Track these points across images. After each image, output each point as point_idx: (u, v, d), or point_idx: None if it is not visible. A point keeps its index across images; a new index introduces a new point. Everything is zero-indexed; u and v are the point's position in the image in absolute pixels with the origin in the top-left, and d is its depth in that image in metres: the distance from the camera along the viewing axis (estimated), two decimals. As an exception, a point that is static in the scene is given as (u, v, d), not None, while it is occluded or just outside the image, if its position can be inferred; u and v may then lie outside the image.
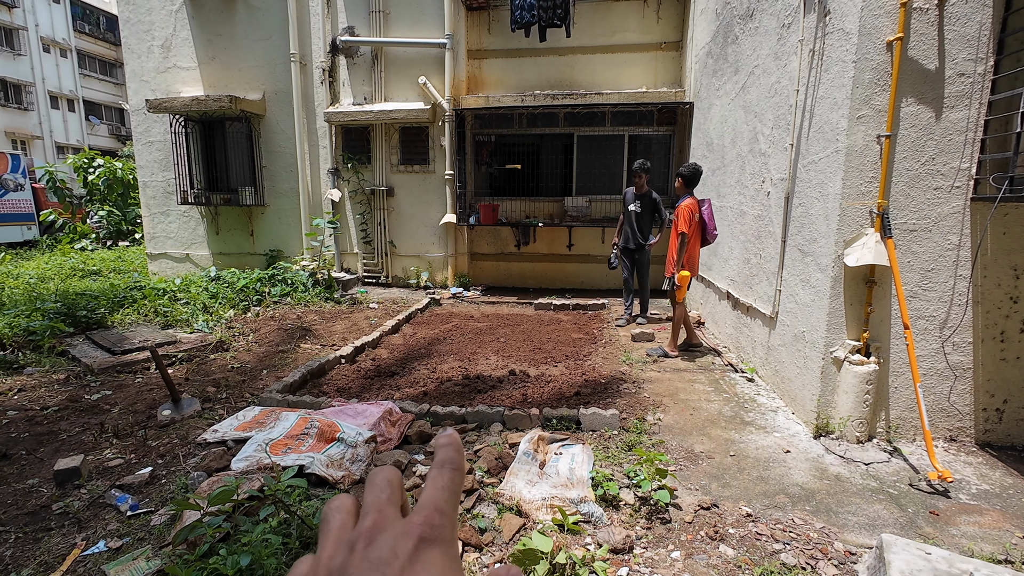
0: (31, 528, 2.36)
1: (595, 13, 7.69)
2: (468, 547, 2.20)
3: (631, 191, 5.84)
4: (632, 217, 5.82)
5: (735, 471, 2.83)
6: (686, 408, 3.67)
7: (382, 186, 8.19)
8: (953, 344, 3.00)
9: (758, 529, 2.31)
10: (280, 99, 8.19)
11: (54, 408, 3.70)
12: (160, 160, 8.67)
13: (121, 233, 13.11)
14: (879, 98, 2.84)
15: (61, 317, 5.40)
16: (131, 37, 8.46)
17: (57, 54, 26.48)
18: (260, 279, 7.25)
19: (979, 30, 2.71)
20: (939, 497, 2.57)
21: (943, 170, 2.86)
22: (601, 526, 2.34)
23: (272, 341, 5.37)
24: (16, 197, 14.36)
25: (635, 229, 5.82)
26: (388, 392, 3.97)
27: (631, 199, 5.83)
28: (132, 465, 2.89)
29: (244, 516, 2.24)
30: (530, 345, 5.33)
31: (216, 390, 3.98)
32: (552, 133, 8.11)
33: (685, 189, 4.69)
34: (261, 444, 2.85)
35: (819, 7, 3.23)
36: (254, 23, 8.10)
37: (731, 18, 5.06)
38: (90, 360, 4.58)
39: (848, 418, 3.06)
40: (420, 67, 7.82)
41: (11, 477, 2.80)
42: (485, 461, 2.84)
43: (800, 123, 3.50)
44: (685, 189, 4.69)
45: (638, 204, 5.77)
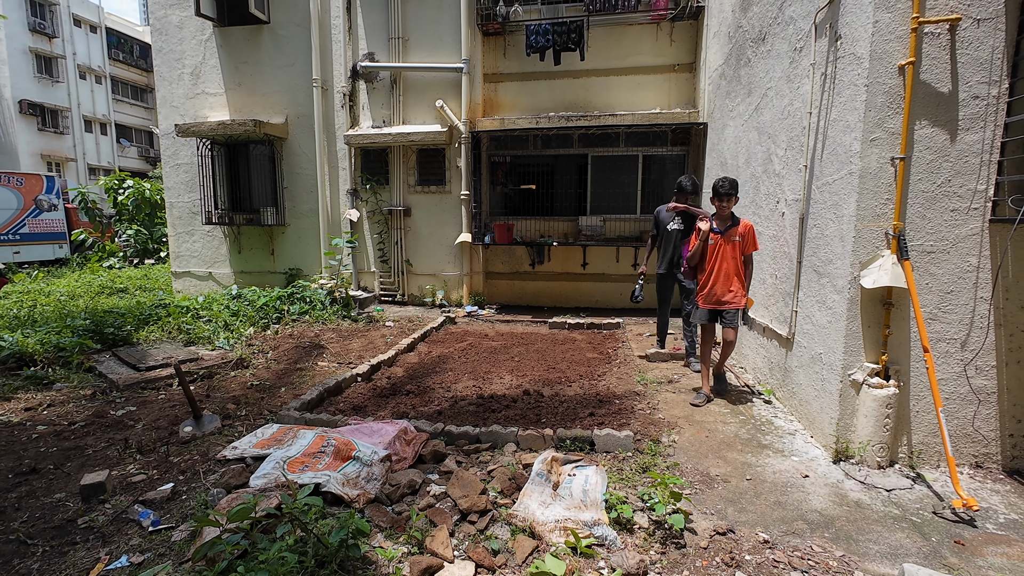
0: (57, 542, 2.42)
1: (609, 37, 7.84)
2: (481, 568, 2.20)
3: (664, 209, 5.26)
4: (675, 237, 5.14)
5: (752, 496, 2.79)
6: (701, 430, 3.64)
7: (399, 206, 8.34)
8: (976, 368, 2.94)
9: (775, 556, 2.28)
10: (302, 123, 8.45)
11: (81, 423, 3.81)
12: (187, 182, 8.98)
13: (147, 252, 13.51)
14: (892, 121, 2.85)
15: (89, 334, 5.58)
16: (163, 65, 8.85)
17: (92, 80, 27.71)
18: (279, 297, 7.41)
19: (992, 54, 2.71)
20: (964, 526, 2.50)
21: (960, 192, 2.84)
22: (615, 550, 2.32)
23: (290, 359, 5.46)
24: (49, 217, 14.95)
25: (678, 249, 5.12)
26: (403, 411, 4.00)
27: (667, 217, 5.20)
28: (154, 481, 2.96)
29: (261, 534, 2.27)
30: (544, 364, 5.34)
31: (236, 407, 4.06)
32: (567, 154, 8.21)
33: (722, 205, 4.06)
34: (279, 462, 2.90)
35: (830, 32, 3.27)
36: (278, 50, 8.42)
37: (743, 41, 5.12)
38: (116, 376, 4.71)
39: (868, 442, 3.01)
40: (437, 91, 8.02)
41: (39, 491, 2.88)
42: (499, 482, 2.85)
43: (814, 145, 3.51)
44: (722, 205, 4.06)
45: (679, 222, 5.13)
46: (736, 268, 4.02)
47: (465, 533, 2.46)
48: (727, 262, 4.03)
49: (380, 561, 2.23)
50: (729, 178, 3.97)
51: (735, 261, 4.02)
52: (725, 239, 4.01)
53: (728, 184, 3.97)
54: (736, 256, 4.02)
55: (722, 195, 3.98)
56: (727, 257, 4.02)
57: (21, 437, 3.61)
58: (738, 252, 4.01)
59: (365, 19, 8.11)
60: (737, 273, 4.03)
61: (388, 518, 2.56)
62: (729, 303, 4.05)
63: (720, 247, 4.03)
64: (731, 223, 4.02)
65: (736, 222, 4.01)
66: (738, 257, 4.02)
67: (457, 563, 2.21)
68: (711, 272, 4.07)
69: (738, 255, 4.02)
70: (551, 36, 7.51)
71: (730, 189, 3.96)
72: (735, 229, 4.00)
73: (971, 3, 2.72)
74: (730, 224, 4.02)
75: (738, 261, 4.03)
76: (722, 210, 4.03)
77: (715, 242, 4.05)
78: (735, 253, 4.02)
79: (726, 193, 3.97)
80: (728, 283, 4.03)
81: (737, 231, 4.00)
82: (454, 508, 2.64)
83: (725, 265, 4.02)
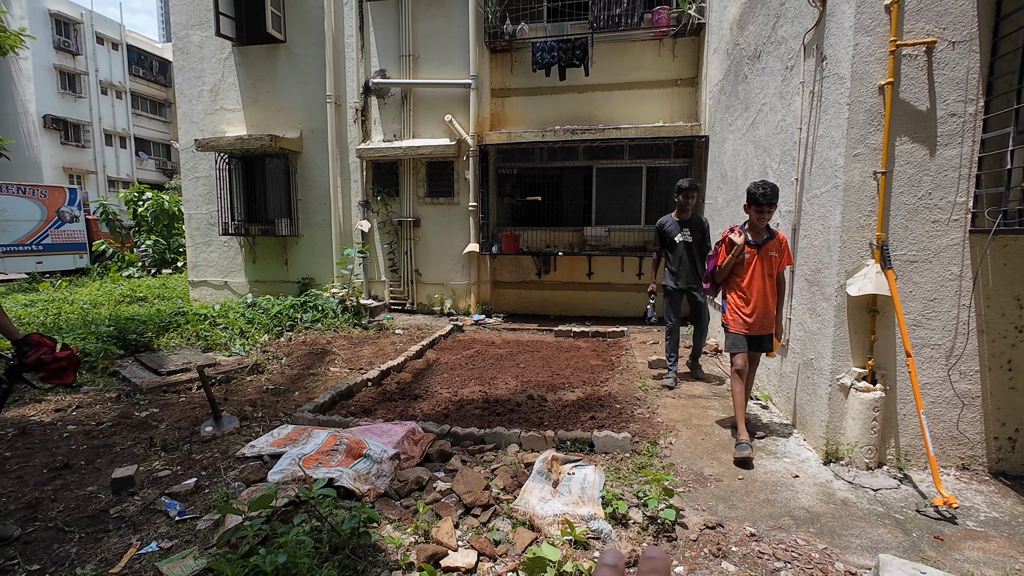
0: (92, 529, 2.62)
1: (613, 53, 8.07)
2: (483, 557, 2.36)
3: (670, 218, 4.91)
4: (684, 248, 4.85)
5: (742, 493, 2.92)
6: (698, 433, 3.77)
7: (409, 217, 8.59)
8: (960, 372, 3.06)
9: (760, 548, 2.41)
10: (316, 137, 8.75)
11: (108, 423, 4.03)
12: (205, 194, 9.30)
13: (164, 262, 13.89)
14: (874, 137, 3.01)
15: (113, 340, 5.83)
16: (184, 83, 9.22)
17: (113, 96, 28.57)
18: (293, 306, 7.64)
19: (967, 74, 2.87)
20: (946, 523, 2.61)
21: (940, 204, 2.99)
22: (609, 542, 2.46)
23: (303, 364, 5.67)
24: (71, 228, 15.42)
25: (693, 262, 4.84)
26: (412, 414, 4.18)
27: (675, 228, 4.85)
28: (179, 476, 3.16)
29: (280, 522, 2.45)
30: (549, 371, 5.49)
31: (253, 409, 4.26)
32: (572, 166, 8.42)
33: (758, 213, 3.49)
34: (295, 458, 3.08)
35: (817, 52, 3.45)
36: (294, 68, 8.76)
37: (741, 58, 5.30)
38: (139, 380, 4.94)
39: (856, 444, 3.13)
40: (446, 106, 8.29)
41: (73, 484, 3.09)
42: (501, 479, 3.01)
43: (803, 159, 3.67)
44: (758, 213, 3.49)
45: (688, 232, 4.81)
46: (772, 288, 3.52)
47: (469, 525, 2.62)
48: (762, 280, 3.49)
49: (389, 548, 2.39)
50: (770, 183, 3.38)
51: (772, 280, 3.50)
52: (762, 254, 3.48)
53: (770, 191, 3.36)
54: (772, 273, 3.50)
55: (763, 204, 3.38)
56: (763, 275, 3.49)
57: (53, 436, 3.83)
58: (774, 268, 3.49)
59: (377, 38, 8.43)
60: (773, 293, 3.53)
61: (397, 511, 2.73)
62: (769, 328, 3.57)
63: (756, 263, 3.49)
64: (768, 236, 3.50)
65: (773, 234, 3.50)
66: (775, 275, 3.51)
67: (461, 551, 2.37)
68: (748, 292, 3.53)
69: (775, 272, 3.50)
70: (556, 53, 7.76)
71: (772, 198, 3.36)
72: (773, 243, 3.47)
73: (946, 27, 2.88)
74: (767, 237, 3.49)
75: (774, 280, 3.52)
76: (760, 221, 3.47)
77: (750, 256, 3.50)
78: (772, 270, 3.50)
79: (768, 203, 3.37)
80: (768, 305, 3.53)
81: (774, 245, 3.47)
82: (458, 503, 2.80)
83: (760, 284, 3.49)
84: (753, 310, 3.52)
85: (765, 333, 3.58)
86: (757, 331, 3.55)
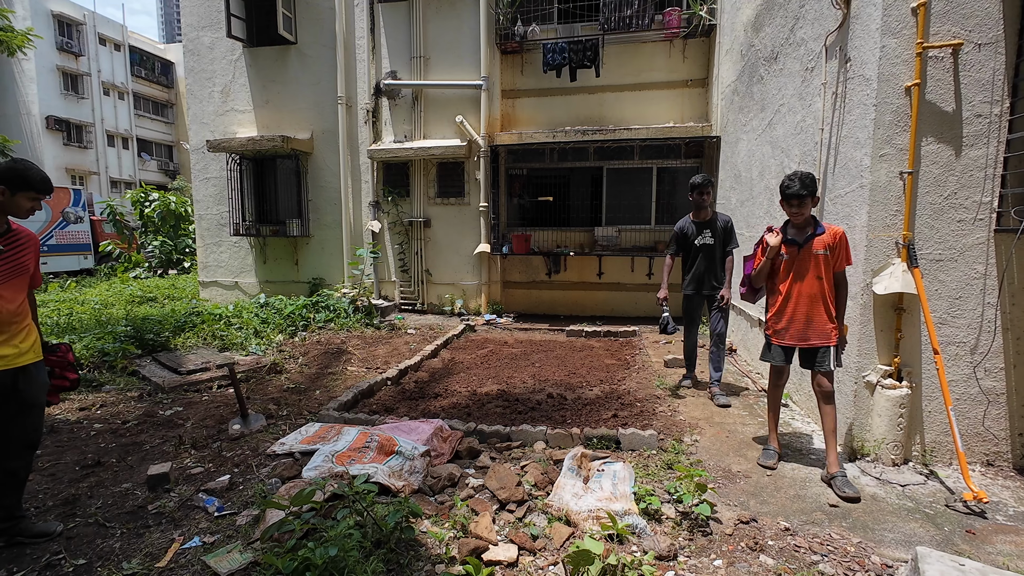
0: (132, 525, 2.65)
1: (623, 54, 8.11)
2: (523, 551, 2.39)
3: (688, 221, 4.57)
4: (705, 252, 4.48)
5: (772, 489, 2.95)
6: (721, 431, 3.80)
7: (420, 218, 8.62)
8: (985, 370, 3.10)
9: (796, 542, 2.44)
10: (327, 138, 8.79)
11: (134, 422, 4.06)
12: (215, 195, 9.33)
13: (171, 262, 13.91)
14: (900, 138, 3.05)
15: (131, 340, 5.86)
16: (195, 84, 9.26)
17: (115, 97, 28.57)
18: (305, 306, 7.67)
19: (993, 75, 2.91)
20: (975, 518, 2.65)
21: (966, 204, 3.03)
22: (645, 537, 2.50)
23: (320, 364, 5.70)
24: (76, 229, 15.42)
25: (715, 267, 4.48)
26: (434, 412, 4.21)
27: (694, 230, 4.52)
28: (211, 473, 3.19)
29: (320, 518, 2.48)
30: (565, 370, 5.53)
31: (277, 408, 4.29)
32: (582, 166, 8.47)
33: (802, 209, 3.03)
34: (328, 455, 3.11)
35: (840, 54, 3.49)
36: (305, 69, 8.79)
37: (756, 60, 5.35)
38: (159, 379, 4.96)
39: (882, 441, 3.17)
40: (457, 106, 8.33)
41: (107, 481, 3.12)
42: (532, 476, 3.04)
43: (826, 159, 3.72)
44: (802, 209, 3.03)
45: (709, 234, 4.45)
46: (822, 290, 2.99)
47: (505, 520, 2.65)
48: (808, 283, 3.01)
49: (430, 543, 2.42)
50: (800, 173, 2.96)
51: (821, 282, 2.99)
52: (805, 253, 3.03)
53: (799, 182, 2.94)
54: (823, 274, 2.99)
55: (790, 197, 2.97)
56: (808, 276, 3.01)
57: (80, 434, 3.86)
58: (826, 269, 2.99)
59: (388, 39, 8.47)
60: (823, 297, 3.00)
61: (432, 507, 2.76)
62: (817, 340, 3.02)
63: (797, 264, 3.05)
64: (813, 232, 3.03)
65: (821, 229, 3.02)
66: (826, 276, 2.99)
67: (501, 545, 2.40)
68: (786, 298, 3.09)
69: (826, 273, 2.99)
70: (567, 54, 7.80)
71: (801, 188, 2.93)
72: (819, 239, 3.00)
73: (972, 29, 2.93)
74: (811, 233, 3.03)
75: (826, 281, 2.99)
76: (795, 216, 3.05)
77: (789, 257, 3.08)
78: (821, 271, 2.98)
79: (796, 195, 2.95)
80: (813, 312, 3.02)
81: (822, 241, 2.99)
82: (492, 498, 2.84)
83: (807, 288, 3.02)
84: (790, 317, 3.08)
85: (809, 345, 3.03)
86: (795, 341, 3.07)
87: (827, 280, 3.01)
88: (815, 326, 3.03)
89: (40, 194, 2.43)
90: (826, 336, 3.01)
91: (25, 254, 2.46)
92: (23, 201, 2.38)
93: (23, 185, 2.36)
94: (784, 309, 3.12)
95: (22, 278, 2.45)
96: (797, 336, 3.08)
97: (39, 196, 2.43)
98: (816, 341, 3.03)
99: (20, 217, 2.44)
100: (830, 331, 3.01)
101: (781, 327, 3.14)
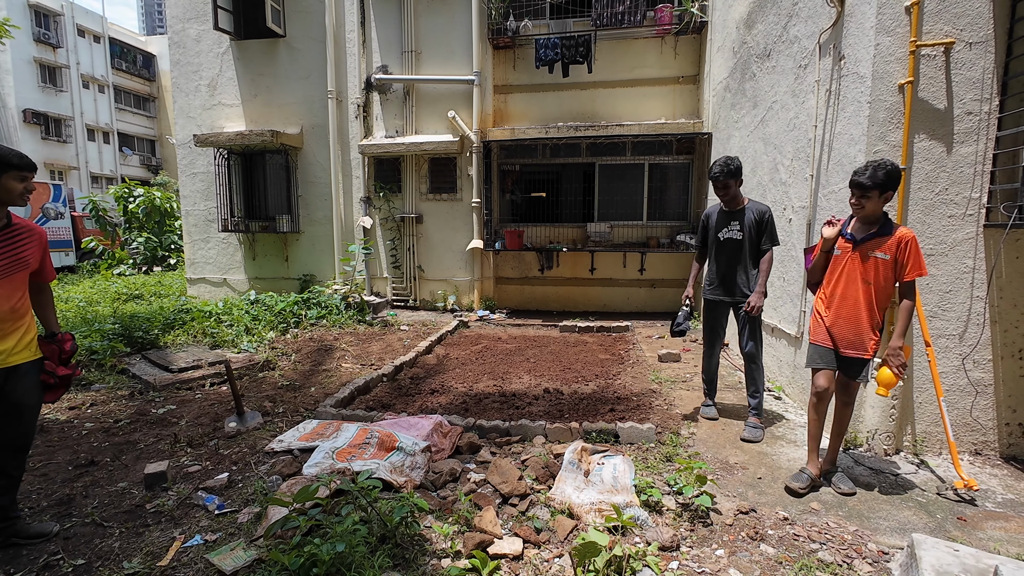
0: (131, 524, 2.61)
1: (615, 50, 8.13)
2: (528, 544, 2.41)
3: (717, 208, 3.79)
4: (729, 249, 3.69)
5: (769, 480, 3.01)
6: (717, 424, 3.86)
7: (412, 213, 8.58)
8: (974, 361, 3.18)
9: (795, 531, 2.49)
10: (317, 133, 8.69)
11: (126, 421, 3.99)
12: (202, 190, 9.19)
13: (156, 259, 13.66)
14: (893, 135, 3.11)
15: (119, 338, 5.76)
16: (180, 77, 9.09)
17: (95, 90, 27.95)
18: (296, 302, 7.60)
19: (983, 74, 2.98)
20: (966, 505, 2.72)
21: (956, 199, 3.10)
22: (648, 528, 2.53)
23: (314, 361, 5.65)
24: (56, 225, 15.10)
25: (743, 268, 3.66)
26: (431, 408, 4.20)
27: (716, 220, 3.76)
28: (209, 471, 3.15)
29: (324, 514, 2.47)
30: (559, 365, 5.55)
31: (272, 405, 4.26)
32: (574, 163, 8.49)
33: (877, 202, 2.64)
34: (328, 452, 3.10)
35: (834, 52, 3.54)
36: (294, 63, 8.68)
37: (748, 56, 5.40)
38: (150, 377, 4.89)
39: (875, 431, 3.24)
40: (449, 102, 8.28)
41: (102, 481, 3.07)
42: (533, 470, 3.06)
43: (819, 156, 3.77)
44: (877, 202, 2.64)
45: (737, 226, 3.63)
46: (871, 298, 2.69)
47: (508, 514, 2.67)
48: (855, 286, 2.71)
49: (435, 538, 2.43)
50: (877, 162, 2.59)
51: (871, 288, 2.68)
52: (859, 254, 2.70)
53: (870, 171, 2.57)
54: (876, 280, 2.66)
55: (852, 185, 2.64)
56: (855, 279, 2.70)
57: (72, 434, 3.79)
58: (882, 274, 2.66)
59: (379, 33, 8.39)
60: (870, 306, 2.70)
61: (435, 502, 2.76)
62: (854, 350, 2.75)
63: (847, 262, 2.74)
64: (876, 231, 2.66)
65: (888, 230, 2.64)
66: (878, 282, 2.67)
67: (506, 539, 2.42)
68: (831, 298, 2.83)
69: (878, 279, 2.66)
70: (560, 50, 7.80)
71: (867, 179, 2.57)
72: (881, 241, 2.64)
73: (963, 28, 2.99)
74: (874, 232, 2.67)
75: (877, 288, 2.68)
76: (855, 208, 2.69)
77: (841, 253, 2.78)
78: (873, 275, 2.66)
79: (857, 184, 2.61)
80: (854, 319, 2.73)
81: (884, 244, 2.63)
82: (495, 493, 2.85)
83: (851, 290, 2.72)
84: (834, 320, 2.81)
85: (854, 354, 2.76)
86: (841, 346, 2.79)
87: (878, 287, 2.67)
88: (859, 334, 2.75)
89: (23, 171, 2.34)
90: (863, 348, 2.75)
91: (25, 249, 2.41)
92: (10, 183, 2.29)
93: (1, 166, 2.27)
94: (830, 310, 2.85)
95: (20, 274, 2.39)
96: (842, 341, 2.80)
97: (24, 173, 2.34)
98: (860, 350, 2.75)
99: (16, 204, 2.36)
100: (870, 343, 2.73)
101: (829, 327, 2.84)
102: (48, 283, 2.62)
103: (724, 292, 3.77)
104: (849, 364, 2.82)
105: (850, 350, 2.78)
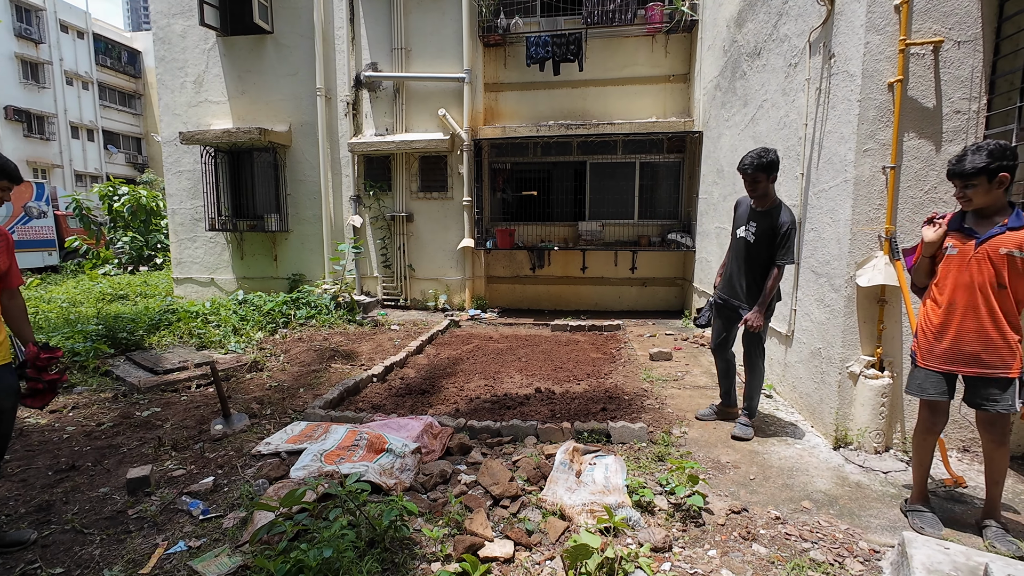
0: (112, 531, 2.55)
1: (606, 49, 8.12)
2: (519, 546, 2.38)
3: (746, 201, 3.51)
4: (740, 249, 3.45)
5: (761, 479, 3.00)
6: (709, 423, 3.85)
7: (402, 212, 8.51)
8: (962, 359, 3.19)
9: (787, 530, 2.49)
10: (305, 130, 8.59)
11: (109, 424, 3.91)
12: (189, 189, 9.05)
13: (141, 259, 13.45)
14: (883, 133, 3.11)
15: (103, 339, 5.65)
16: (165, 74, 8.94)
17: (79, 87, 27.48)
18: (285, 302, 7.51)
19: (971, 73, 2.99)
20: (954, 502, 2.74)
21: (945, 198, 3.11)
22: (640, 529, 2.51)
23: (303, 361, 5.58)
24: (39, 224, 14.81)
25: (750, 274, 3.40)
26: (421, 409, 4.16)
27: (742, 216, 3.49)
28: (194, 475, 3.09)
29: (311, 519, 2.43)
30: (551, 364, 5.53)
31: (260, 407, 4.19)
32: (565, 161, 8.46)
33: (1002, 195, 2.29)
34: (316, 454, 3.05)
35: (824, 50, 3.54)
36: (282, 60, 8.57)
37: (739, 55, 5.40)
38: (134, 379, 4.80)
39: (865, 429, 3.24)
40: (439, 100, 8.22)
41: (83, 486, 3.00)
42: (524, 471, 3.03)
43: (810, 154, 3.77)
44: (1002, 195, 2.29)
45: (753, 227, 3.36)
46: (1001, 307, 2.27)
47: (499, 516, 2.64)
48: (977, 293, 2.29)
49: (424, 541, 2.39)
50: (977, 145, 2.25)
51: (1005, 292, 2.26)
52: (985, 251, 2.27)
53: (969, 155, 2.24)
54: (1009, 282, 2.24)
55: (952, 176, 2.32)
56: (976, 285, 2.29)
57: (52, 438, 3.70)
58: (1011, 277, 2.23)
59: (368, 30, 8.30)
60: (995, 314, 2.27)
61: (425, 504, 2.73)
62: (986, 366, 2.29)
63: (967, 265, 2.31)
64: (1007, 225, 2.24)
65: (1018, 222, 2.23)
66: (1013, 285, 2.24)
67: (497, 542, 2.39)
68: (947, 307, 2.36)
69: (1014, 281, 2.24)
70: (550, 47, 7.77)
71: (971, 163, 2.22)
72: (1011, 236, 2.22)
73: (952, 27, 2.99)
74: (1003, 226, 2.25)
75: (1011, 292, 2.26)
76: (962, 202, 2.34)
77: (957, 252, 2.35)
78: (1006, 277, 2.24)
79: (957, 173, 2.28)
80: (981, 330, 2.29)
81: (1012, 241, 2.22)
82: (486, 494, 2.82)
83: (973, 298, 2.30)
84: (954, 336, 2.35)
85: (979, 373, 2.31)
86: (957, 366, 2.36)
87: (1013, 290, 2.25)
88: (989, 350, 2.28)
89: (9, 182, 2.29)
90: (998, 365, 2.26)
91: None
92: None
93: None
94: (947, 324, 2.36)
95: None
96: (959, 359, 2.34)
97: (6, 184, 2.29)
98: (987, 370, 2.28)
99: None
100: (1010, 359, 2.25)
101: (940, 346, 2.38)
102: (16, 288, 2.54)
103: (729, 293, 3.59)
104: (983, 387, 2.30)
105: (977, 368, 2.31)
